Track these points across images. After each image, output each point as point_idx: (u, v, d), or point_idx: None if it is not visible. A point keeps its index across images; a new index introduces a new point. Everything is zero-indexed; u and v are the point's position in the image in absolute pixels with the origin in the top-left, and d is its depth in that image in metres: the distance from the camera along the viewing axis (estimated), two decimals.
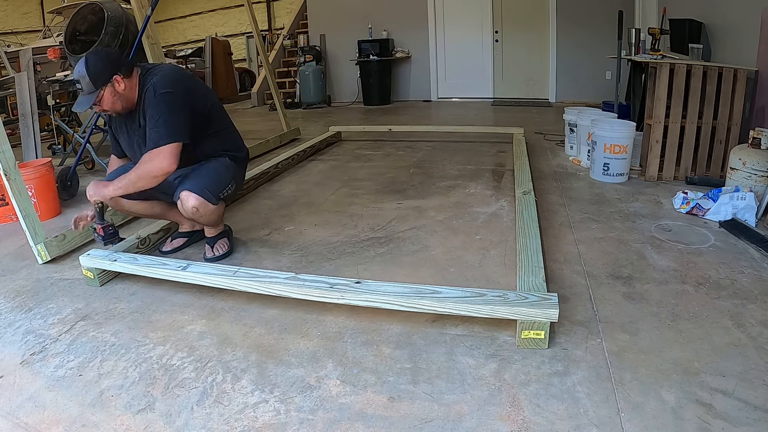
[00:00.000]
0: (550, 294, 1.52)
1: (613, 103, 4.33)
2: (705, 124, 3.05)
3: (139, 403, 1.33)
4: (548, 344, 1.47)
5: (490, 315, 1.49)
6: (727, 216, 2.37)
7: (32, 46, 5.52)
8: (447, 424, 1.21)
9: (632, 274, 1.92)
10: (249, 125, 6.55)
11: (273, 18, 12.05)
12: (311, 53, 8.03)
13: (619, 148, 3.07)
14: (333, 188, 3.31)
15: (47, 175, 2.95)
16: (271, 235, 2.52)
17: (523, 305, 1.46)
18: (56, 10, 6.37)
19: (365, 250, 2.27)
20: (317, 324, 1.68)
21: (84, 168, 4.02)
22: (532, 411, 1.24)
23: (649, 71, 3.32)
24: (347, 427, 1.22)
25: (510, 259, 2.07)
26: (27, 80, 3.75)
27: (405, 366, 1.43)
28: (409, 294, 1.56)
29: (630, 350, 1.45)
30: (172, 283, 1.92)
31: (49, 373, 1.48)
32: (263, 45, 5.38)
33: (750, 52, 3.09)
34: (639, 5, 5.42)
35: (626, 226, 2.41)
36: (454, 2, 7.54)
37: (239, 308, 1.80)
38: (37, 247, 2.23)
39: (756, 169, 2.49)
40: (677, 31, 3.90)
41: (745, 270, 1.91)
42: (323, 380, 1.40)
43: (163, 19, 12.93)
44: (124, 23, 3.54)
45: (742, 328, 1.53)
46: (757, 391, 1.26)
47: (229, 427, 1.24)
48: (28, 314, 1.83)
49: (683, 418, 1.18)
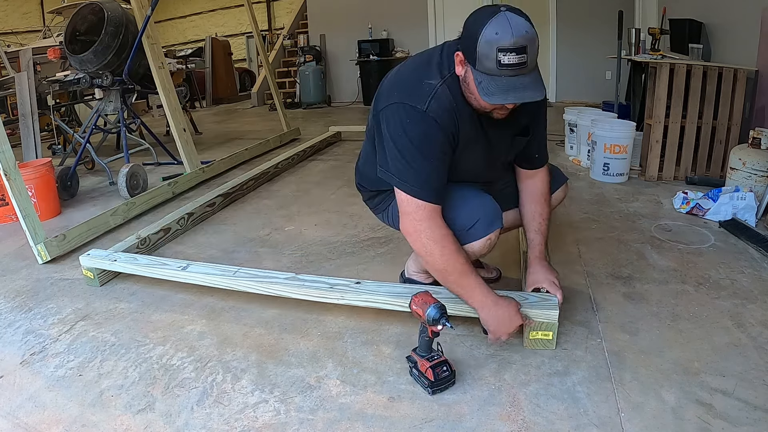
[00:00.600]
0: (550, 295, 1.52)
1: (613, 103, 4.33)
2: (705, 124, 3.05)
3: (139, 403, 1.33)
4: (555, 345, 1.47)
5: None
6: (727, 216, 2.37)
7: (32, 46, 5.51)
8: (447, 424, 1.21)
9: (632, 274, 1.92)
10: (249, 125, 6.56)
11: (273, 18, 12.05)
12: (311, 53, 8.03)
13: (619, 148, 3.07)
14: (333, 188, 3.31)
15: (47, 175, 2.95)
16: (271, 235, 2.52)
17: (524, 306, 1.46)
18: (56, 10, 6.37)
19: (365, 250, 2.27)
20: (317, 324, 1.68)
21: (84, 168, 4.02)
22: (532, 411, 1.24)
23: (649, 71, 3.32)
24: (347, 427, 1.22)
25: (513, 259, 2.07)
26: (27, 80, 3.75)
27: (405, 366, 1.43)
28: (409, 294, 1.56)
29: (630, 350, 1.45)
30: (172, 283, 1.92)
31: (49, 373, 1.48)
32: (263, 45, 5.39)
33: (750, 52, 3.09)
34: (639, 5, 5.42)
35: (626, 226, 2.41)
36: (454, 2, 7.53)
37: (239, 308, 1.80)
38: (37, 247, 2.23)
39: (756, 169, 2.49)
40: (677, 31, 3.90)
41: (745, 270, 1.91)
42: (323, 380, 1.40)
43: (163, 19, 12.92)
44: (124, 23, 3.54)
45: (742, 328, 1.53)
46: (757, 391, 1.25)
47: (229, 427, 1.24)
48: (28, 314, 1.83)
49: (683, 418, 1.18)
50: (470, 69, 1.20)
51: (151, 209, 2.98)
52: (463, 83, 1.26)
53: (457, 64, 1.25)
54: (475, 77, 1.18)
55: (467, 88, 1.26)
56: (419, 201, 1.29)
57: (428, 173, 1.29)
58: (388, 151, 1.33)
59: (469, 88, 1.24)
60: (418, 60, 1.39)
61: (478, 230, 1.40)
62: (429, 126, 1.26)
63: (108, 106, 3.75)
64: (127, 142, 3.63)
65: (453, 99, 1.28)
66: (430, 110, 1.26)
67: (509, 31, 1.10)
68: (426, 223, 1.30)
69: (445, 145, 1.30)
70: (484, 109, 1.28)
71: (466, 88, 1.26)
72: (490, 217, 1.40)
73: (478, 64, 1.16)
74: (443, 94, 1.27)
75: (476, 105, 1.28)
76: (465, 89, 1.27)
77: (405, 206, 1.32)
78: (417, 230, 1.31)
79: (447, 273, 1.33)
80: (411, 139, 1.28)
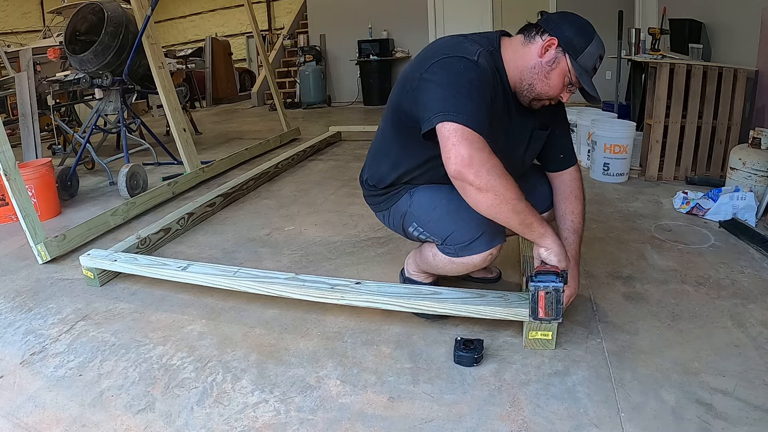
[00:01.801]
0: None
1: (613, 103, 4.33)
2: (705, 124, 3.05)
3: (139, 403, 1.33)
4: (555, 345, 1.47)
5: (491, 316, 1.49)
6: (727, 216, 2.37)
7: (32, 46, 5.51)
8: (447, 424, 1.21)
9: (632, 274, 1.92)
10: (249, 125, 6.56)
11: (273, 18, 12.05)
12: (311, 53, 8.04)
13: (619, 148, 3.08)
14: (333, 188, 3.31)
15: (47, 175, 2.95)
16: (271, 235, 2.52)
17: (523, 306, 1.46)
18: (56, 10, 6.36)
19: (365, 250, 2.27)
20: (317, 324, 1.68)
21: (84, 168, 4.02)
22: (532, 411, 1.24)
23: (649, 71, 3.32)
24: (347, 427, 1.22)
25: (512, 260, 2.07)
26: (27, 80, 3.75)
27: (405, 366, 1.43)
28: (409, 295, 1.56)
29: (630, 350, 1.45)
30: (172, 284, 1.92)
31: (49, 373, 1.48)
32: (263, 45, 5.39)
33: (750, 52, 3.09)
34: (639, 5, 5.42)
35: (626, 226, 2.41)
36: (454, 2, 7.53)
37: (239, 308, 1.80)
38: (37, 247, 2.23)
39: (756, 169, 2.49)
40: (677, 31, 3.90)
41: (745, 270, 1.91)
42: (323, 380, 1.40)
43: (163, 19, 12.93)
44: (124, 23, 3.54)
45: (742, 328, 1.53)
46: (757, 391, 1.25)
47: (229, 427, 1.24)
48: (28, 314, 1.83)
49: (683, 418, 1.18)
50: (568, 58, 1.31)
51: (151, 209, 2.98)
52: (544, 65, 1.32)
53: (547, 47, 1.32)
54: (574, 66, 1.31)
55: (545, 72, 1.32)
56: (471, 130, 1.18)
57: (479, 108, 1.23)
58: (436, 95, 1.24)
59: (550, 73, 1.32)
60: (448, 39, 1.39)
61: (480, 244, 1.41)
62: (480, 72, 1.27)
63: (108, 106, 3.75)
64: (127, 142, 3.63)
65: (495, 65, 1.33)
66: (479, 61, 1.28)
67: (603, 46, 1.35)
68: (484, 152, 1.18)
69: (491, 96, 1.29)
70: (540, 95, 1.35)
71: (543, 71, 1.32)
72: (493, 231, 1.40)
73: (581, 59, 1.30)
74: (487, 56, 1.31)
75: (541, 89, 1.34)
76: (540, 71, 1.33)
77: (458, 136, 1.17)
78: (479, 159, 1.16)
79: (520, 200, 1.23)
80: (462, 78, 1.24)
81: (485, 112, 1.24)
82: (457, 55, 1.28)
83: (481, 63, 1.27)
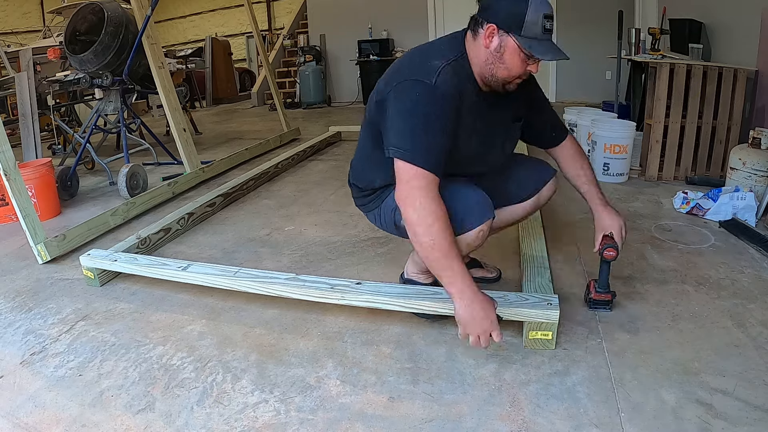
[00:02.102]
0: (550, 296, 1.52)
1: (613, 103, 4.33)
2: (705, 124, 3.05)
3: (139, 403, 1.33)
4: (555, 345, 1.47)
5: None
6: (727, 216, 2.37)
7: (32, 46, 5.51)
8: (447, 424, 1.21)
9: (632, 274, 1.92)
10: (249, 125, 6.56)
11: (273, 18, 12.04)
12: (311, 53, 8.03)
13: (619, 148, 3.07)
14: (333, 188, 3.31)
15: (47, 175, 2.95)
16: (271, 235, 2.52)
17: (523, 306, 1.46)
18: (56, 10, 6.36)
19: (365, 250, 2.27)
20: (317, 324, 1.68)
21: (84, 168, 4.02)
22: (532, 411, 1.24)
23: (649, 71, 3.32)
24: (347, 427, 1.22)
25: (512, 259, 2.07)
26: (27, 80, 3.75)
27: (405, 366, 1.43)
28: (409, 295, 1.56)
29: (630, 350, 1.45)
30: (172, 284, 1.92)
31: (49, 373, 1.48)
32: (263, 45, 5.39)
33: (750, 52, 3.09)
34: (639, 5, 5.42)
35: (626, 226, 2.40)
36: (454, 2, 7.53)
37: (239, 308, 1.80)
38: (37, 247, 2.23)
39: (756, 169, 2.49)
40: (677, 31, 3.90)
41: (745, 270, 1.91)
42: (323, 380, 1.40)
43: (163, 19, 12.92)
44: (124, 23, 3.54)
45: (742, 328, 1.53)
46: (757, 391, 1.25)
47: (229, 427, 1.24)
48: (28, 314, 1.83)
49: (683, 418, 1.18)
50: (512, 37, 1.28)
51: (151, 209, 2.98)
52: (494, 53, 1.31)
53: (486, 37, 1.31)
54: (522, 43, 1.28)
55: (498, 59, 1.31)
56: (418, 168, 1.27)
57: (430, 143, 1.29)
58: (393, 126, 1.33)
59: (503, 57, 1.31)
60: (417, 51, 1.45)
61: (471, 220, 1.41)
62: (435, 98, 1.30)
63: (108, 106, 3.75)
64: (127, 142, 3.63)
65: (458, 77, 1.34)
66: (437, 84, 1.30)
67: (546, 3, 1.29)
68: (423, 191, 1.26)
69: (449, 119, 1.32)
70: (506, 79, 1.35)
71: (496, 60, 1.32)
72: (482, 207, 1.42)
73: (525, 30, 1.27)
74: (449, 71, 1.33)
75: (503, 75, 1.33)
76: (494, 61, 1.32)
77: (402, 173, 1.29)
78: (412, 196, 1.27)
79: (433, 248, 1.28)
80: (416, 110, 1.30)
81: (441, 144, 1.31)
82: (417, 78, 1.32)
83: (439, 86, 1.30)
